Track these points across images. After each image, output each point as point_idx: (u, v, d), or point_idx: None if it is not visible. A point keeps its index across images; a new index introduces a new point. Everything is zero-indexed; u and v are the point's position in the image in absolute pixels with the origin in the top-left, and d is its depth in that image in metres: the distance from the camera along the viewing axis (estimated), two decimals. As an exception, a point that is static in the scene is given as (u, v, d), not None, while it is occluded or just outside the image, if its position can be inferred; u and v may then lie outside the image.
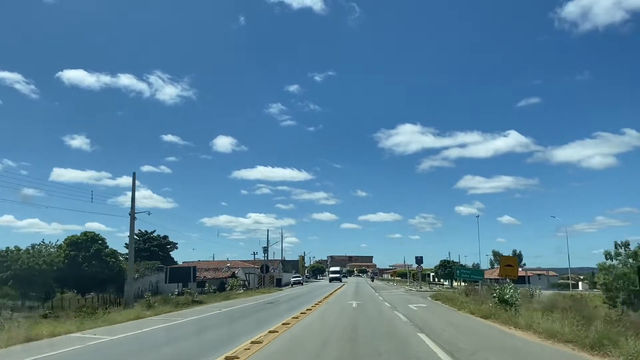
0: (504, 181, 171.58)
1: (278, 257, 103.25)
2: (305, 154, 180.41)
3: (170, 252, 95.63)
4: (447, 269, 57.17)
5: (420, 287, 51.92)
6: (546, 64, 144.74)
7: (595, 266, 38.22)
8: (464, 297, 26.49)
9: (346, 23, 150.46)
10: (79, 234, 58.87)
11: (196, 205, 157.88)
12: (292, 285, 71.32)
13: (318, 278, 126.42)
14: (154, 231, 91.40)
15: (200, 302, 27.70)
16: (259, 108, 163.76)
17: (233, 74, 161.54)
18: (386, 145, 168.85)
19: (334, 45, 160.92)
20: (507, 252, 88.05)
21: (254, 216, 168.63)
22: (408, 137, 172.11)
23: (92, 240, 58.63)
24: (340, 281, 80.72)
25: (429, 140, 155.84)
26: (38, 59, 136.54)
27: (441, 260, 58.71)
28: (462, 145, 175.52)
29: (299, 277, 76.85)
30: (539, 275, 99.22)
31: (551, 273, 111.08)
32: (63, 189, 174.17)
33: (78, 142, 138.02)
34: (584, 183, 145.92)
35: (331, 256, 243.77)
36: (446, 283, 62.52)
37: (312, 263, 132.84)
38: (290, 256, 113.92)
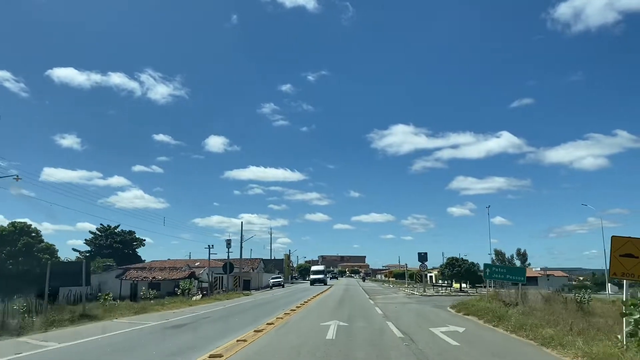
0: (496, 182, 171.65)
1: (279, 257, 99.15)
2: (298, 154, 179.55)
3: (137, 249, 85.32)
4: (456, 269, 46.93)
5: (425, 291, 41.64)
6: (539, 65, 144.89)
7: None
8: (513, 309, 16.23)
9: (340, 22, 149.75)
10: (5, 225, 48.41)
11: (188, 205, 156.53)
12: (271, 287, 60.72)
13: (307, 279, 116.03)
14: (118, 226, 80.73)
15: (91, 318, 17.14)
16: (251, 108, 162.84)
17: (225, 73, 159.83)
18: (379, 145, 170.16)
19: (327, 44, 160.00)
20: (508, 251, 77.62)
21: (246, 217, 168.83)
22: (401, 137, 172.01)
23: (20, 233, 48.02)
24: (325, 284, 65.07)
25: (422, 141, 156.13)
26: (27, 57, 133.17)
27: (448, 258, 48.61)
28: (455, 146, 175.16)
29: (280, 278, 66.08)
30: (547, 276, 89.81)
31: (559, 273, 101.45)
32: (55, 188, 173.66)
33: (69, 141, 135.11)
34: (575, 184, 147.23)
35: (322, 256, 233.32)
36: (452, 285, 52.53)
37: (300, 262, 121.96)
38: (282, 256, 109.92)
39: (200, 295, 37.79)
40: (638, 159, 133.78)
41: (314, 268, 78.08)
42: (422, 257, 43.23)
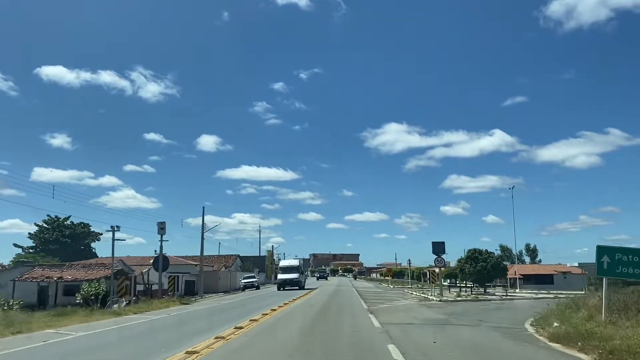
0: (489, 180, 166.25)
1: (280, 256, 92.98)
2: (291, 153, 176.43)
3: (91, 244, 73.07)
4: (480, 263, 35.39)
5: (441, 294, 30.21)
6: (532, 63, 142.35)
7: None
8: None
9: (332, 20, 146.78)
10: None
11: (180, 205, 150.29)
12: (242, 290, 49.05)
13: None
14: (68, 217, 68.48)
15: None
16: (243, 106, 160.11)
17: (216, 71, 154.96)
18: (372, 144, 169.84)
19: (320, 42, 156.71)
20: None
21: (239, 216, 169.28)
22: (394, 136, 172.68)
23: None
24: (301, 287, 45.28)
25: (415, 140, 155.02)
26: (15, 54, 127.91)
27: (469, 251, 37.02)
28: (448, 145, 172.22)
29: (254, 278, 53.83)
30: (564, 273, 79.21)
31: (575, 270, 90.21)
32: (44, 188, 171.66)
33: (59, 140, 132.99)
34: (567, 182, 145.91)
35: (314, 254, 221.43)
36: (467, 285, 41.04)
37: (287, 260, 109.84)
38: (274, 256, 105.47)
39: (125, 303, 26.11)
40: (630, 157, 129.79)
41: (283, 264, 51.53)
42: (439, 247, 31.71)
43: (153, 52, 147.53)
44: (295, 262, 51.14)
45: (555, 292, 36.56)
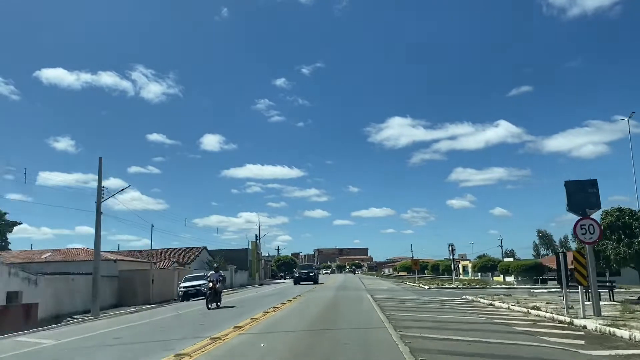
0: (495, 172, 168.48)
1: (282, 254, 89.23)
2: (295, 151, 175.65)
3: (7, 234, 54.50)
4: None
5: (597, 308, 11.10)
6: (536, 52, 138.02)
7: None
8: None
9: (332, 13, 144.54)
10: None
11: (187, 205, 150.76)
12: (182, 300, 29.66)
13: (287, 278, 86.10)
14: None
15: None
16: (245, 104, 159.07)
17: (217, 68, 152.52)
18: (376, 139, 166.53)
19: (321, 36, 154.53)
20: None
21: (245, 215, 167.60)
22: (398, 130, 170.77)
23: None
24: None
25: (420, 133, 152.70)
26: (14, 57, 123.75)
27: (607, 212, 18.09)
28: (453, 138, 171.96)
29: (200, 280, 30.58)
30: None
31: None
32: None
33: (63, 144, 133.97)
34: (575, 172, 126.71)
35: (318, 249, 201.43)
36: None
37: (283, 254, 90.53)
38: (284, 253, 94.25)
39: None
40: (639, 145, 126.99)
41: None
42: (584, 192, 12.60)
43: (153, 50, 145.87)
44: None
45: None
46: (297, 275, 46.80)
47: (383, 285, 38.71)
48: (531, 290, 25.44)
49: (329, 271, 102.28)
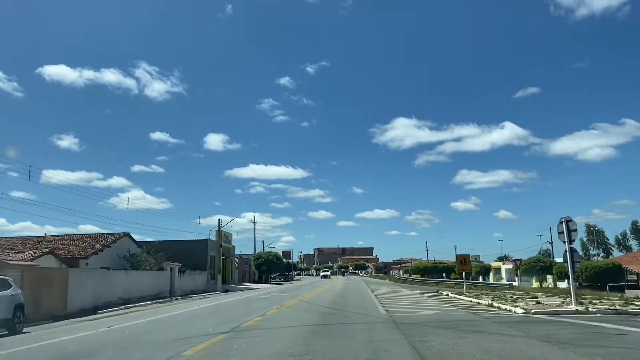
0: (501, 175, 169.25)
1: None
2: (299, 151, 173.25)
3: None
4: None
5: None
6: (543, 53, 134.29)
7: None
8: None
9: (337, 11, 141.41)
10: None
11: (190, 205, 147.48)
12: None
13: (271, 282, 69.52)
14: None
15: None
16: (250, 103, 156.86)
17: (221, 67, 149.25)
18: (381, 140, 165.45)
19: (326, 35, 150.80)
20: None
21: (249, 215, 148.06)
22: (403, 131, 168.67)
23: None
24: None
25: (425, 135, 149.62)
26: (17, 53, 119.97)
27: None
28: (458, 139, 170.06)
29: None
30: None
31: None
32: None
33: (67, 142, 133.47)
34: (582, 175, 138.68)
35: (319, 249, 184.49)
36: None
37: (269, 250, 73.57)
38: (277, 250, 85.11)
39: None
40: None
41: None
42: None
43: (157, 47, 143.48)
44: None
45: None
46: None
47: (422, 306, 21.66)
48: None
49: (328, 273, 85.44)
